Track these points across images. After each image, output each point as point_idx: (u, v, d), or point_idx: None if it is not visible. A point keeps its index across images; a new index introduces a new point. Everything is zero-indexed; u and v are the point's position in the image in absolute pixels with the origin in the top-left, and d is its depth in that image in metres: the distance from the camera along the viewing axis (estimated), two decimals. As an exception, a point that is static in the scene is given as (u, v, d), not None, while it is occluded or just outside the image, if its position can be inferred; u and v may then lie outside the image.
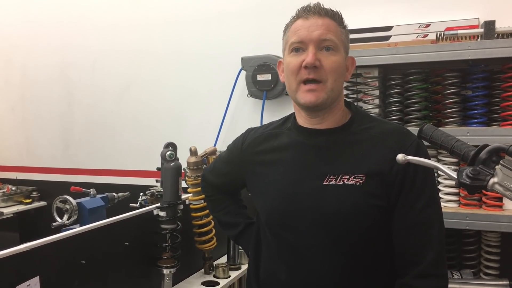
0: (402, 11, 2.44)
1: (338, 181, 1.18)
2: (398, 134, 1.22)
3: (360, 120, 1.26)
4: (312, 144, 1.25)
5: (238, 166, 1.42)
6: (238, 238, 1.55)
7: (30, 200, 3.45)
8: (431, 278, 1.15)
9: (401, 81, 2.28)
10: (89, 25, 3.34)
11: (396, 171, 1.15)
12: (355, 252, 1.19)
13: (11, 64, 3.67)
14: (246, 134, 1.44)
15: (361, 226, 1.18)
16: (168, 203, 1.85)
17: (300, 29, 1.20)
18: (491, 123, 2.13)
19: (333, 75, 1.19)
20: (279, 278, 1.28)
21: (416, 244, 1.17)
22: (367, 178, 1.16)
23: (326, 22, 1.19)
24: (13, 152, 3.72)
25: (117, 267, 1.72)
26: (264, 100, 2.76)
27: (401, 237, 1.18)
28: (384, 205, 1.17)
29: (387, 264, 1.21)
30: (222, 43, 2.93)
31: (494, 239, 2.20)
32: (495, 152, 0.96)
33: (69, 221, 2.14)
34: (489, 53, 1.97)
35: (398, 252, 1.20)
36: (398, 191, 1.16)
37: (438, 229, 1.19)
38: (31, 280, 1.34)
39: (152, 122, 3.18)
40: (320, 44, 1.18)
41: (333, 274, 1.20)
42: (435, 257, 1.15)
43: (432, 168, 1.09)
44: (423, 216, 1.17)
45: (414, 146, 1.18)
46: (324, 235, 1.20)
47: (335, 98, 1.22)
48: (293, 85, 1.22)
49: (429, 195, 1.18)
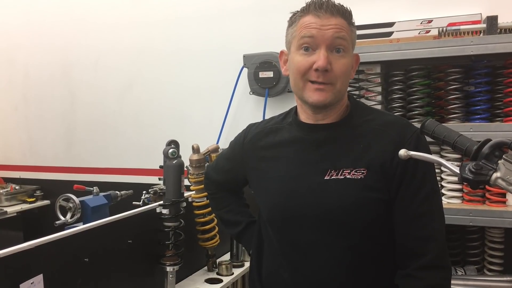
0: (404, 7, 2.43)
1: (339, 176, 1.18)
2: (398, 125, 1.21)
3: (360, 112, 1.26)
4: (313, 140, 1.24)
5: (239, 162, 1.42)
6: (240, 236, 1.55)
7: (33, 199, 3.47)
8: (435, 270, 1.14)
9: (403, 77, 2.27)
10: (91, 24, 3.34)
11: (397, 163, 1.15)
12: (358, 246, 1.19)
13: (13, 63, 3.67)
14: (247, 130, 1.43)
15: (363, 220, 1.17)
16: (171, 201, 1.86)
17: (311, 25, 1.16)
18: (494, 119, 2.12)
19: (342, 78, 1.18)
20: (282, 275, 1.27)
21: (419, 237, 1.16)
22: (368, 171, 1.16)
23: (339, 22, 1.16)
24: (16, 151, 3.73)
25: (121, 265, 1.72)
26: (266, 98, 2.75)
27: (403, 230, 1.18)
28: (386, 198, 1.17)
29: (390, 257, 1.21)
30: (224, 40, 2.92)
31: (498, 235, 2.19)
32: (498, 146, 0.95)
33: (72, 219, 2.15)
34: (492, 49, 1.96)
35: (400, 244, 1.19)
36: (399, 183, 1.16)
37: (440, 221, 1.19)
38: (34, 278, 1.35)
39: (155, 120, 3.19)
40: (332, 45, 1.16)
41: (336, 270, 1.20)
42: (438, 249, 1.15)
43: (422, 159, 1.08)
44: (424, 208, 1.17)
45: (415, 137, 1.18)
46: (326, 230, 1.19)
47: (340, 98, 1.23)
48: (299, 83, 1.20)
49: (430, 187, 1.18)
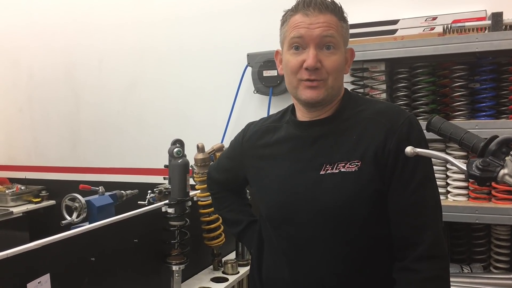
0: (408, 4, 2.42)
1: (334, 170, 1.17)
2: (390, 113, 1.20)
3: (353, 104, 1.25)
4: (308, 136, 1.25)
5: (239, 161, 1.43)
6: (241, 235, 1.55)
7: (39, 199, 3.48)
8: (431, 260, 1.13)
9: (408, 75, 2.26)
10: (95, 25, 3.35)
11: (388, 151, 1.14)
12: (355, 240, 1.18)
13: (18, 65, 3.69)
14: (246, 129, 1.44)
15: (360, 213, 1.17)
16: (176, 200, 1.86)
17: (300, 25, 1.17)
18: (500, 116, 2.11)
19: (333, 75, 1.18)
20: (281, 271, 1.28)
21: (413, 226, 1.15)
22: (362, 162, 1.15)
23: (327, 19, 1.16)
24: (22, 152, 3.75)
25: (127, 264, 1.73)
26: (271, 96, 2.75)
27: (397, 219, 1.17)
28: (381, 188, 1.16)
29: (387, 250, 1.20)
30: (228, 39, 2.92)
31: (504, 232, 2.18)
32: (505, 143, 0.95)
33: (78, 219, 2.15)
34: (497, 45, 1.95)
35: (395, 235, 1.18)
36: (391, 171, 1.15)
37: (435, 209, 1.17)
38: (41, 277, 1.35)
39: (159, 120, 3.19)
40: (321, 43, 1.16)
41: (334, 265, 1.20)
42: (433, 238, 1.13)
43: (427, 156, 1.07)
44: (417, 197, 1.15)
45: (407, 124, 1.16)
46: (323, 226, 1.19)
47: (335, 94, 1.22)
48: (293, 82, 1.21)
49: (423, 175, 1.16)
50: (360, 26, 2.33)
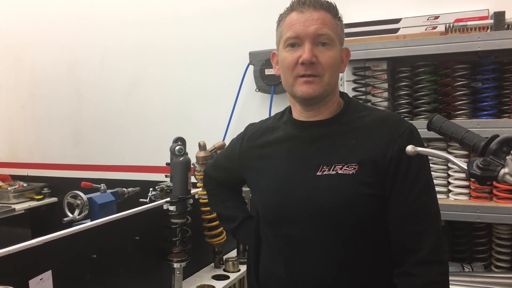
0: (410, 3, 2.42)
1: (331, 171, 1.18)
2: (391, 121, 1.21)
3: (353, 109, 1.26)
4: (306, 136, 1.25)
5: (237, 161, 1.43)
6: (235, 231, 1.55)
7: (41, 196, 3.49)
8: (432, 265, 1.14)
9: (410, 73, 2.26)
10: (97, 23, 3.36)
11: (390, 158, 1.15)
12: (350, 242, 1.19)
13: (20, 62, 3.70)
14: (246, 130, 1.45)
15: (355, 215, 1.17)
16: (177, 198, 1.86)
17: (295, 24, 1.18)
18: (502, 115, 2.11)
19: (329, 70, 1.19)
20: (277, 271, 1.28)
21: (414, 232, 1.16)
22: (360, 166, 1.16)
23: (321, 16, 1.17)
24: (24, 149, 3.76)
25: (128, 261, 1.74)
26: (272, 95, 2.75)
27: (399, 225, 1.17)
28: (379, 194, 1.16)
29: (384, 254, 1.20)
30: (230, 38, 2.92)
31: (505, 231, 2.18)
32: (506, 142, 0.95)
33: (80, 216, 2.16)
34: (499, 44, 1.95)
35: (395, 240, 1.18)
36: (393, 178, 1.15)
37: (435, 216, 1.18)
38: (43, 274, 1.36)
39: (161, 118, 3.20)
40: (316, 39, 1.17)
41: (329, 265, 1.20)
42: (434, 243, 1.14)
43: (427, 155, 1.08)
44: (419, 203, 1.16)
45: (407, 133, 1.17)
46: (319, 226, 1.19)
47: (330, 92, 1.22)
48: (289, 80, 1.22)
49: (425, 182, 1.17)
50: (362, 25, 2.33)
